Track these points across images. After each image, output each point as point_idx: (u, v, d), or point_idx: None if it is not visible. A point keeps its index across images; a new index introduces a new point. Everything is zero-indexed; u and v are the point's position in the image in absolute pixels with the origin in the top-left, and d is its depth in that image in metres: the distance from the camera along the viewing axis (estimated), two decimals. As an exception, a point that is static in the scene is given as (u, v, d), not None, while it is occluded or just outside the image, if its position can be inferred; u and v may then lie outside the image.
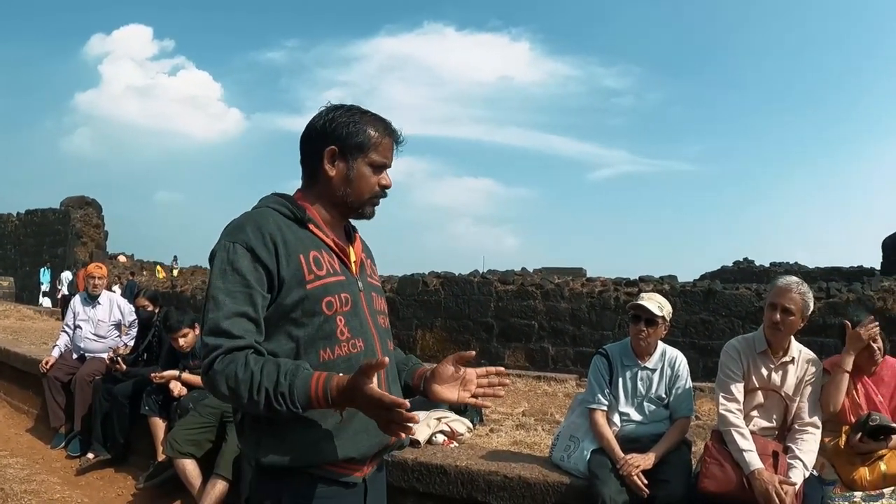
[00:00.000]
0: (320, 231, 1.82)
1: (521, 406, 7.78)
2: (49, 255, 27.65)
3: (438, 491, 3.59)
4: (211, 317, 1.64)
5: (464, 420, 4.61)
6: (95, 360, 6.16)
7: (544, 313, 12.92)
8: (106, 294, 6.82)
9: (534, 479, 3.41)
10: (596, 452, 3.36)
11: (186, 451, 4.36)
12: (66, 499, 4.77)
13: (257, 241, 1.68)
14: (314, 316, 1.71)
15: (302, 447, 1.67)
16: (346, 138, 1.81)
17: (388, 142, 1.86)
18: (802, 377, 3.25)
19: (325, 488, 1.71)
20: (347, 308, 1.77)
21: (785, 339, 3.24)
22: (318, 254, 1.77)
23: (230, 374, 1.58)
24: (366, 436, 1.72)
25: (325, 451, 1.68)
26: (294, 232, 1.76)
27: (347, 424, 1.69)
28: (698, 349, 11.13)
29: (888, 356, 3.38)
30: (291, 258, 1.71)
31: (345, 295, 1.78)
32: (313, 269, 1.73)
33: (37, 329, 12.13)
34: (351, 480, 1.75)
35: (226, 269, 1.67)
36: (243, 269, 1.66)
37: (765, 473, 2.93)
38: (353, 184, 1.83)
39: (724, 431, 3.15)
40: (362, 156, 1.82)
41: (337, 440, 1.69)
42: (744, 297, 11.52)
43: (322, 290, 1.73)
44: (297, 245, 1.74)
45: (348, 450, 1.70)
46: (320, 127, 1.84)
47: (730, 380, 3.26)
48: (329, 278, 1.76)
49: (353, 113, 1.84)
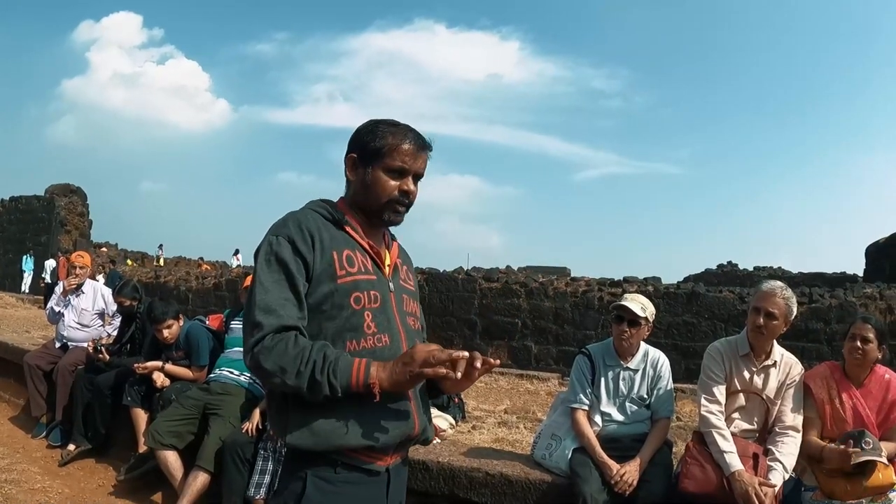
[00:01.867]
0: (356, 233, 1.92)
1: (503, 404, 7.82)
2: (32, 242, 27.36)
3: (420, 487, 3.59)
4: (260, 298, 1.74)
5: (446, 416, 4.64)
6: (78, 350, 6.09)
7: (528, 312, 12.95)
8: (89, 283, 6.74)
9: (515, 476, 3.43)
10: (577, 451, 3.38)
11: (168, 442, 4.34)
12: (46, 489, 4.73)
13: (297, 235, 1.80)
14: (343, 309, 1.81)
15: (325, 431, 1.73)
16: (366, 145, 1.90)
17: (410, 148, 1.91)
18: (784, 381, 3.28)
19: (347, 473, 1.79)
20: (376, 305, 1.87)
21: (767, 343, 3.27)
22: (351, 253, 1.87)
23: (280, 349, 1.68)
24: (387, 426, 1.79)
25: (346, 436, 1.74)
26: (330, 231, 1.87)
27: (371, 414, 1.76)
28: (680, 351, 11.20)
29: (878, 365, 3.32)
30: (325, 253, 1.82)
31: (374, 292, 1.88)
32: (345, 265, 1.84)
33: (18, 317, 12.05)
34: (374, 468, 1.83)
35: (270, 259, 1.79)
36: (286, 259, 1.78)
37: (745, 475, 2.96)
38: (369, 189, 1.91)
39: (706, 432, 3.18)
40: (378, 161, 1.89)
41: (359, 427, 1.75)
42: (727, 300, 11.60)
43: (352, 285, 1.83)
44: (332, 243, 1.85)
45: (369, 438, 1.76)
46: (351, 138, 1.96)
47: (712, 382, 3.29)
48: (360, 276, 1.86)
49: (380, 123, 1.93)
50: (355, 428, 1.75)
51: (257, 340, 1.70)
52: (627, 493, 3.17)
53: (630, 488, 3.17)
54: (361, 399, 1.71)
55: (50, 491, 4.69)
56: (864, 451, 2.99)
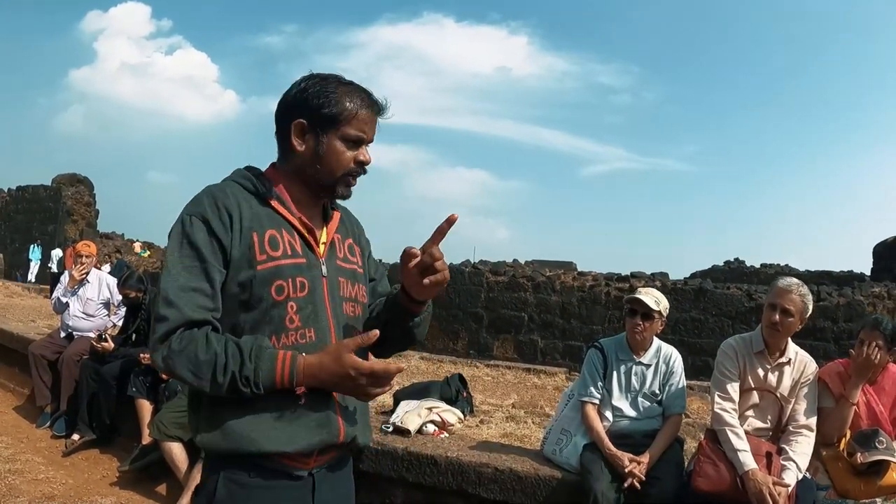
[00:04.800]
0: (284, 208, 1.68)
1: (510, 398, 7.78)
2: (39, 232, 27.39)
3: (428, 482, 3.56)
4: (164, 287, 1.54)
5: (454, 410, 4.60)
6: (83, 340, 6.08)
7: (534, 306, 12.91)
8: (95, 272, 6.72)
9: (525, 472, 3.39)
10: (588, 447, 3.34)
11: (173, 434, 4.32)
12: (50, 479, 4.71)
13: (213, 214, 1.58)
14: (262, 300, 1.60)
15: (236, 434, 1.56)
16: (317, 110, 1.65)
17: (367, 114, 1.69)
18: (798, 379, 3.23)
19: (260, 477, 1.61)
20: (302, 294, 1.64)
21: (782, 340, 3.23)
22: (276, 233, 1.64)
23: (190, 353, 1.49)
24: (304, 433, 1.62)
25: (258, 440, 1.57)
26: (253, 208, 1.64)
27: (288, 419, 1.60)
28: (688, 347, 11.13)
29: (891, 363, 3.32)
30: (244, 235, 1.60)
31: (301, 279, 1.64)
32: (266, 248, 1.61)
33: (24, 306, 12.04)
34: (293, 472, 1.65)
35: (182, 241, 1.57)
36: (199, 243, 1.56)
37: (758, 474, 2.92)
38: (323, 160, 1.67)
39: (719, 430, 3.13)
40: (334, 129, 1.66)
41: (273, 431, 1.58)
42: (734, 296, 11.53)
43: (273, 272, 1.61)
44: (253, 222, 1.62)
45: (284, 444, 1.59)
46: (291, 98, 1.69)
47: (726, 379, 3.24)
48: (283, 260, 1.63)
49: (329, 83, 1.68)
50: (268, 432, 1.57)
51: (161, 338, 1.51)
52: (638, 487, 3.12)
53: (639, 482, 3.13)
54: (279, 400, 1.57)
55: (53, 482, 4.67)
56: (878, 450, 2.98)
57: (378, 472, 3.67)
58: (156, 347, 1.53)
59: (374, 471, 3.70)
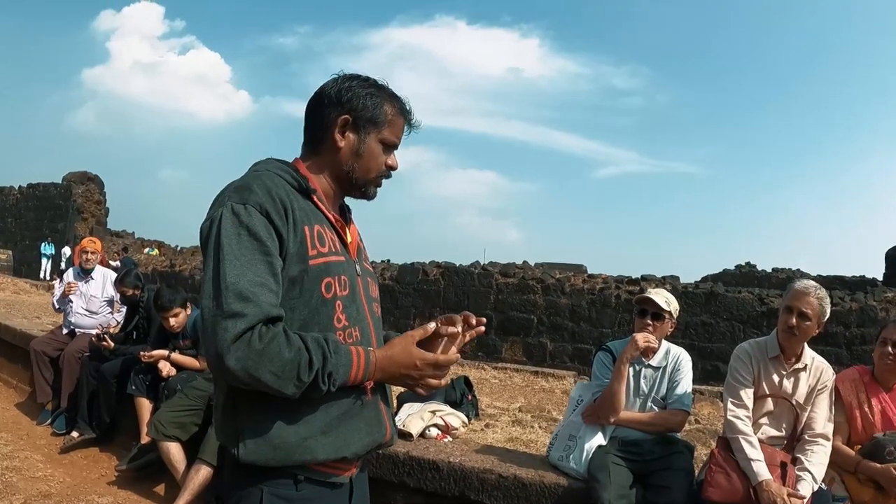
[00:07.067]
0: (323, 204, 1.66)
1: (517, 401, 7.69)
2: (49, 229, 27.51)
3: (430, 487, 3.47)
4: (234, 280, 1.41)
5: (459, 414, 4.50)
6: (85, 337, 6.06)
7: (544, 308, 12.83)
8: (99, 269, 6.71)
9: (530, 479, 3.28)
10: (596, 454, 3.23)
11: (171, 433, 4.25)
12: (48, 477, 4.65)
13: (270, 204, 1.49)
14: (311, 297, 1.54)
15: (288, 445, 1.49)
16: (362, 110, 1.66)
17: (402, 122, 1.73)
18: (815, 386, 3.12)
19: (309, 489, 1.55)
20: (346, 293, 1.62)
21: (799, 345, 3.11)
22: (321, 228, 1.60)
23: (273, 353, 1.38)
24: (359, 434, 1.59)
25: (314, 449, 1.51)
26: (299, 201, 1.58)
27: (339, 421, 1.55)
28: (698, 351, 11.01)
29: None
30: (297, 229, 1.53)
31: (344, 278, 1.61)
32: (316, 244, 1.57)
33: (31, 303, 12.05)
34: (338, 481, 1.61)
35: (240, 232, 1.45)
36: (261, 235, 1.46)
37: (773, 485, 2.80)
38: (361, 158, 1.68)
39: (732, 439, 3.01)
40: (376, 131, 1.68)
41: (328, 437, 1.52)
42: (746, 300, 11.38)
43: (323, 268, 1.56)
44: (303, 216, 1.56)
45: (341, 449, 1.55)
46: (335, 93, 1.67)
47: (739, 385, 3.13)
48: (331, 257, 1.60)
49: (371, 85, 1.70)
50: (324, 439, 1.52)
51: (237, 336, 1.36)
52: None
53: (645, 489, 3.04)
54: (327, 402, 1.52)
55: (51, 479, 4.62)
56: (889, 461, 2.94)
57: (378, 476, 3.57)
58: (228, 349, 1.37)
59: (373, 475, 3.59)
